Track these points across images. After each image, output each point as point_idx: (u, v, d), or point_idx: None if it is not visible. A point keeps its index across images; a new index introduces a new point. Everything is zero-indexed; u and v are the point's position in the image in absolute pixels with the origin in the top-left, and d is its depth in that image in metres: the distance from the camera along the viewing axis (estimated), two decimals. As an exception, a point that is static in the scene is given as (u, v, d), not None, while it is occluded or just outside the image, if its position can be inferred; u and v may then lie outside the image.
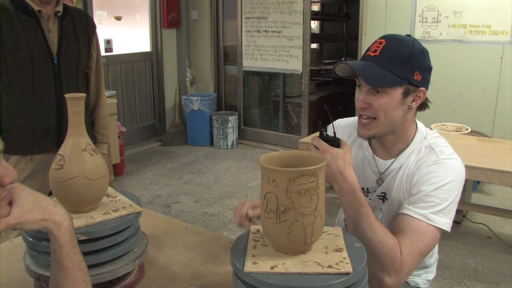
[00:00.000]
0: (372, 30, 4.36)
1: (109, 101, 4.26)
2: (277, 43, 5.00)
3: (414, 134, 1.37)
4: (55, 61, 1.99)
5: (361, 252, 1.02)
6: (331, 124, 1.38)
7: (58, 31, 2.01)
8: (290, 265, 0.97)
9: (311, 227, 0.97)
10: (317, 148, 1.20)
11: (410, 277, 1.45)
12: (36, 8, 1.92)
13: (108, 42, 5.18)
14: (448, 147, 1.33)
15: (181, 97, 5.89)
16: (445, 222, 1.23)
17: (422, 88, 1.29)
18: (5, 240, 1.73)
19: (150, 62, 5.78)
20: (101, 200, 1.25)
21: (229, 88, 5.97)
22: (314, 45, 8.16)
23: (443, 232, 1.26)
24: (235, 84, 5.80)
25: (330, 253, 1.01)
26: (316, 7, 8.02)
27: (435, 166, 1.27)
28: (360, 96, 1.29)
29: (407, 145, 1.37)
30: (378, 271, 1.16)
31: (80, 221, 1.14)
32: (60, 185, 1.15)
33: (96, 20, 4.91)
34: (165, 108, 6.00)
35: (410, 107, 1.30)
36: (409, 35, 1.32)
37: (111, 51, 5.24)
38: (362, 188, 1.44)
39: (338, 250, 1.02)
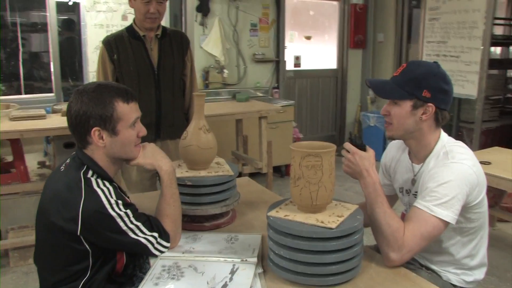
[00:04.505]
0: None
1: (287, 109, 4.97)
2: (454, 67, 5.03)
3: (436, 143, 1.63)
4: (156, 73, 2.66)
5: (356, 221, 1.39)
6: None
7: (158, 49, 2.66)
8: (298, 217, 1.40)
9: (316, 193, 1.39)
10: (348, 151, 1.56)
11: (443, 271, 1.67)
12: (141, 33, 2.63)
13: (297, 58, 5.92)
14: (462, 154, 1.55)
15: (361, 113, 6.31)
16: (447, 214, 1.46)
17: (430, 104, 1.56)
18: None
19: (335, 78, 6.35)
20: (210, 164, 1.84)
21: (408, 109, 6.13)
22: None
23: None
24: (414, 105, 5.94)
25: (332, 216, 1.41)
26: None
27: (442, 168, 1.53)
28: (384, 106, 1.65)
29: (430, 151, 1.63)
30: (385, 247, 1.47)
31: (191, 173, 1.76)
32: (182, 150, 1.79)
33: (287, 38, 5.71)
34: (345, 122, 6.49)
35: (421, 119, 1.58)
36: (436, 62, 1.60)
37: (299, 66, 5.96)
38: (406, 190, 1.75)
39: (340, 216, 1.41)
